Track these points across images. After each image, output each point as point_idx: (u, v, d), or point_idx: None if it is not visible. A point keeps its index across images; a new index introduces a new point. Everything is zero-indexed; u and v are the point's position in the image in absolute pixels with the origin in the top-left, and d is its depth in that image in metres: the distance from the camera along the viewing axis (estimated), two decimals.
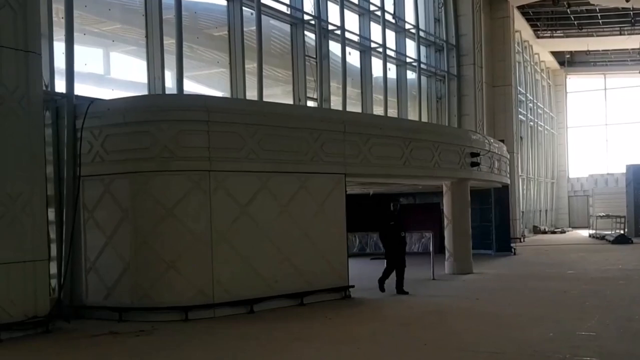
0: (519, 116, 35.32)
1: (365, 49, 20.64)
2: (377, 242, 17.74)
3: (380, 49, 20.98)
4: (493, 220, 22.80)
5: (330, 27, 18.61)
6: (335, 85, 18.77)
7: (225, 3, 15.33)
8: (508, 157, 21.04)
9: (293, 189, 11.47)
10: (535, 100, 40.30)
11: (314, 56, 17.80)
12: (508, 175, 21.15)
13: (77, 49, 11.45)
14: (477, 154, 16.45)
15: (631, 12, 35.97)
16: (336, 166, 12.15)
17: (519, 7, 33.93)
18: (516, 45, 35.38)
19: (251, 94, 15.36)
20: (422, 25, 24.63)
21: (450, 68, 25.99)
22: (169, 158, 10.19)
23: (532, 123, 39.38)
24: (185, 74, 13.52)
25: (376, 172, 13.11)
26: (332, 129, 12.09)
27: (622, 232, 29.85)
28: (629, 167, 32.71)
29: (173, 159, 10.21)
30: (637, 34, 38.51)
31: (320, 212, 11.89)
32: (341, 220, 12.26)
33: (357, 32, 20.38)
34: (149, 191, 10.23)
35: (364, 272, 14.95)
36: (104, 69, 13.11)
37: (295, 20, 17.46)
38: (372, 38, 20.91)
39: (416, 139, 14.02)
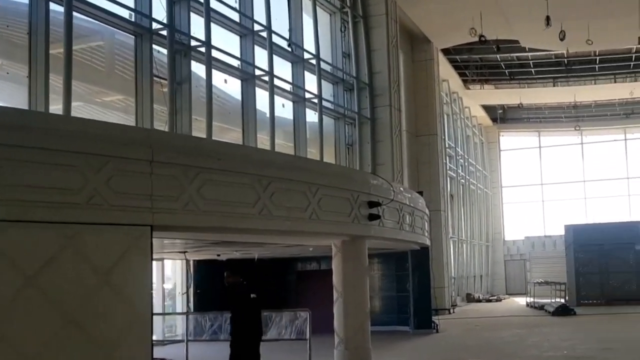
0: (449, 172, 31.88)
1: (248, 76, 16.51)
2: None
3: (267, 77, 16.88)
4: (411, 290, 18.68)
5: (193, 43, 14.45)
6: (200, 119, 14.51)
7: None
8: (427, 212, 16.99)
9: (50, 250, 6.94)
10: (466, 157, 37.15)
11: (166, 78, 13.54)
12: (427, 235, 17.08)
13: None
14: (378, 204, 12.36)
15: (565, 60, 33.33)
16: (135, 214, 7.68)
17: (444, 51, 30.72)
18: (444, 95, 32.26)
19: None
20: (327, 59, 20.83)
21: (363, 110, 22.02)
22: None
23: (463, 181, 36.09)
24: None
25: (209, 224, 8.64)
26: (130, 155, 7.66)
27: (562, 301, 26.16)
28: (568, 228, 29.24)
29: None
30: (572, 84, 35.88)
31: (103, 285, 7.35)
32: (144, 299, 7.76)
33: (238, 55, 16.32)
34: None
35: None
36: None
37: (140, 29, 13.26)
38: (259, 64, 16.84)
39: (280, 177, 9.73)
